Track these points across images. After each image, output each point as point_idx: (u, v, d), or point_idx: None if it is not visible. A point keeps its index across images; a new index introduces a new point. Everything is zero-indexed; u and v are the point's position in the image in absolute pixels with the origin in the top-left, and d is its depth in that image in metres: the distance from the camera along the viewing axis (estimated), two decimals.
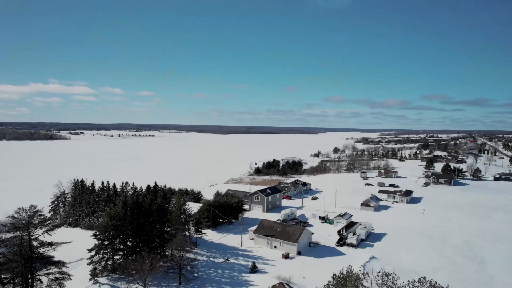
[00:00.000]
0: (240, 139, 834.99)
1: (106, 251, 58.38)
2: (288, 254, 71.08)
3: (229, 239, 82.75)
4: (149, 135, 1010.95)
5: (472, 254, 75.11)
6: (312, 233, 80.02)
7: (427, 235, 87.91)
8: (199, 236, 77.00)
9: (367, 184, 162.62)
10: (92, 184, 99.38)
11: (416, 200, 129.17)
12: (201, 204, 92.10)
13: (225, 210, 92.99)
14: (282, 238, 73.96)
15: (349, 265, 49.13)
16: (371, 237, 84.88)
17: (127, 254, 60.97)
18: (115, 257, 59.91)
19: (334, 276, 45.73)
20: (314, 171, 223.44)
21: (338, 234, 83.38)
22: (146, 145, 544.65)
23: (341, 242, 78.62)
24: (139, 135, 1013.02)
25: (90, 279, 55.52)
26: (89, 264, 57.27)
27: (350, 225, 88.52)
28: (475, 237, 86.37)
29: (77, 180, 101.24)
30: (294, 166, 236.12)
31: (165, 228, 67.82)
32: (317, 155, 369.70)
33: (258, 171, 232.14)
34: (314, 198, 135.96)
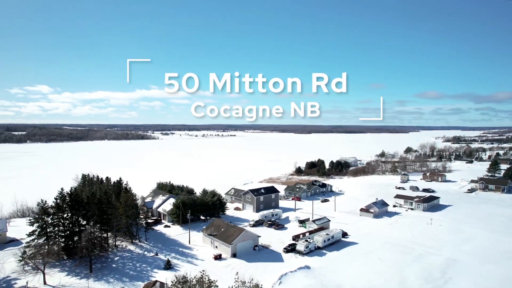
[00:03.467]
0: (318, 138, 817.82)
1: (39, 237, 65.46)
2: (220, 255, 69.28)
3: (187, 236, 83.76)
4: (230, 135, 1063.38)
5: (439, 275, 62.20)
6: (259, 236, 75.99)
7: (408, 248, 75.56)
8: (147, 230, 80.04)
9: (399, 188, 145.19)
10: (91, 178, 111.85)
11: (439, 208, 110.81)
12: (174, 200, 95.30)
13: (197, 208, 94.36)
14: (221, 239, 72.23)
15: (202, 270, 46.24)
16: (336, 246, 76.55)
17: (63, 241, 67.32)
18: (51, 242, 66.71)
19: (174, 280, 43.72)
20: (357, 172, 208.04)
21: (293, 239, 77.45)
22: (218, 144, 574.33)
23: (289, 248, 73.03)
24: (222, 135, 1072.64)
25: (20, 261, 63.02)
26: (26, 247, 65.03)
27: (317, 230, 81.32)
28: (470, 256, 71.08)
29: (84, 174, 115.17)
30: (338, 167, 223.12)
31: (106, 220, 72.59)
32: (382, 155, 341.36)
33: (299, 171, 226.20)
34: (325, 201, 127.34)
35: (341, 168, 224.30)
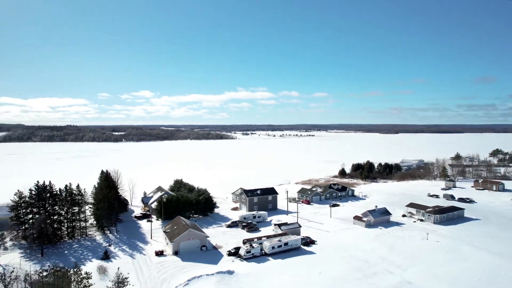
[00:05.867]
0: (401, 138, 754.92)
1: (15, 223, 76.40)
2: (162, 251, 71.27)
3: (159, 231, 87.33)
4: (308, 135, 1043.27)
5: None
6: (207, 237, 75.34)
7: (369, 264, 66.75)
8: (115, 223, 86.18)
9: (432, 196, 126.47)
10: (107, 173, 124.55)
11: (457, 221, 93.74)
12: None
13: (180, 205, 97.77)
14: (168, 236, 74.11)
15: (76, 264, 48.62)
16: (288, 253, 71.73)
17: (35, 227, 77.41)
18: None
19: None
20: (404, 176, 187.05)
21: (243, 243, 74.77)
22: (288, 144, 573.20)
23: (233, 251, 71.01)
24: (300, 135, 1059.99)
25: None
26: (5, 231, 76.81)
27: (280, 235, 77.13)
28: (435, 280, 59.74)
29: (103, 170, 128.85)
30: (386, 170, 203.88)
31: (77, 211, 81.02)
32: (458, 157, 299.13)
33: (343, 173, 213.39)
34: (334, 205, 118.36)
35: (389, 171, 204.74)
